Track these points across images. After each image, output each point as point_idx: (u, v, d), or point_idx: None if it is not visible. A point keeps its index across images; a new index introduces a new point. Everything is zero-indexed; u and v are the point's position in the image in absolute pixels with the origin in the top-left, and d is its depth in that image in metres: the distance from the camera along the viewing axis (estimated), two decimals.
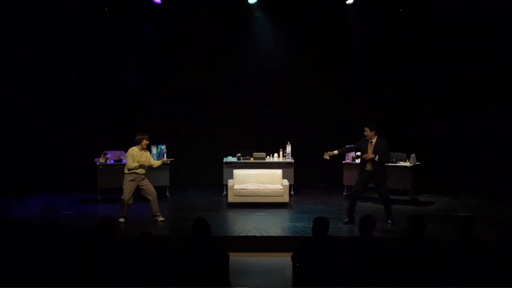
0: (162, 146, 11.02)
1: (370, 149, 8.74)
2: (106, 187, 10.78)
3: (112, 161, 10.81)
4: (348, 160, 11.18)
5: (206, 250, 5.12)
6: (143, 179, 9.03)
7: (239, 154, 11.37)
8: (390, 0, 11.99)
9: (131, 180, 8.92)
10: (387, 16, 12.03)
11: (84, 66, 12.00)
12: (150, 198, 9.06)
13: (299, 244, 5.47)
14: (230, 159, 11.37)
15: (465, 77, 11.86)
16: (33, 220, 8.82)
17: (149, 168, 10.88)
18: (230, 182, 10.49)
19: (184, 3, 11.94)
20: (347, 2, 11.89)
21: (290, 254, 5.54)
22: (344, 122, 12.22)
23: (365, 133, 8.82)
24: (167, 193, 11.07)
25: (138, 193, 11.17)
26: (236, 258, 6.50)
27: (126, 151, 11.04)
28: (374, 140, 8.77)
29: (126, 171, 8.96)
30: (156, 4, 11.76)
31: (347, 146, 9.37)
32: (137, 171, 8.93)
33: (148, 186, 9.06)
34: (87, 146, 11.66)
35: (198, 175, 12.31)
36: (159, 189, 11.08)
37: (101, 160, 10.75)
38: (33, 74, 11.79)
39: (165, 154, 11.00)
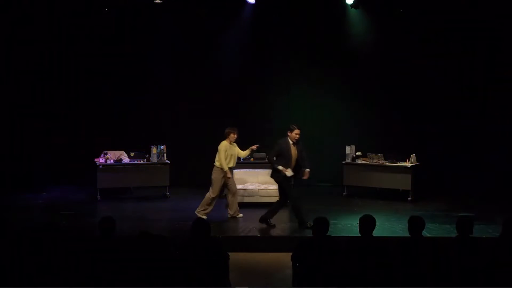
0: (162, 146, 11.02)
1: (293, 151, 8.52)
2: (106, 187, 10.78)
3: (112, 161, 10.80)
4: (348, 160, 11.18)
5: (206, 250, 5.12)
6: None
7: None
8: (390, 0, 11.99)
9: (222, 177, 9.07)
10: (387, 16, 12.02)
11: (84, 66, 11.99)
12: (230, 194, 9.17)
13: (299, 244, 5.47)
14: None
15: (465, 77, 11.86)
16: (33, 220, 8.82)
17: (149, 168, 10.96)
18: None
19: (184, 3, 11.94)
20: (347, 2, 11.90)
21: (290, 254, 5.54)
22: (343, 121, 12.24)
23: (297, 136, 8.53)
24: (167, 193, 11.07)
25: (141, 191, 11.21)
26: (236, 258, 6.51)
27: (126, 151, 11.17)
28: (295, 143, 8.57)
29: (217, 164, 9.05)
30: (157, 3, 11.77)
31: (274, 158, 8.58)
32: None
33: (231, 181, 9.18)
34: (87, 146, 11.66)
35: (198, 175, 12.28)
36: (159, 189, 11.15)
37: (101, 160, 10.75)
38: (33, 74, 11.78)
39: (165, 154, 11.00)
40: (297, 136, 8.54)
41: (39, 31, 11.59)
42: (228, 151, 9.11)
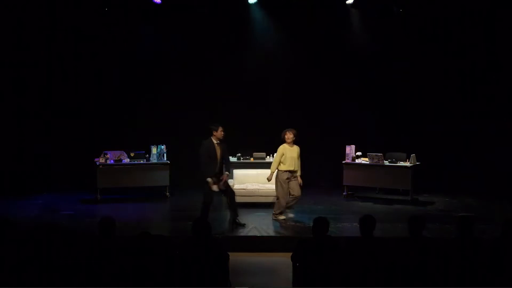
0: (162, 146, 11.02)
1: (218, 151, 8.50)
2: (106, 187, 10.78)
3: (112, 161, 10.80)
4: (348, 160, 11.17)
5: (206, 250, 5.12)
6: (295, 177, 9.08)
7: (239, 154, 11.37)
8: (390, 0, 11.99)
9: (286, 179, 9.03)
10: (387, 15, 12.02)
11: (84, 66, 12.00)
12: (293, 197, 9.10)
13: (299, 244, 5.46)
14: (230, 159, 11.34)
15: (465, 77, 11.86)
16: (33, 220, 8.81)
17: (149, 168, 10.96)
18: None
19: (184, 3, 11.94)
20: (347, 2, 11.90)
21: (290, 254, 5.54)
22: (343, 121, 12.23)
23: (223, 133, 8.53)
24: (167, 193, 11.07)
25: (139, 191, 11.22)
26: (236, 258, 6.50)
27: (126, 151, 11.17)
28: (220, 143, 8.58)
29: (279, 168, 9.04)
30: (156, 4, 11.77)
31: (205, 162, 8.39)
32: (290, 168, 9.02)
33: (292, 185, 9.10)
34: (87, 146, 11.67)
35: (198, 175, 12.28)
36: (159, 189, 11.15)
37: (101, 160, 10.75)
38: (33, 74, 11.78)
39: (165, 154, 11.00)
40: (223, 133, 8.50)
41: (38, 31, 11.60)
42: (285, 154, 9.08)
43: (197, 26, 12.09)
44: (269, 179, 9.26)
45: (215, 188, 8.43)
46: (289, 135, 9.13)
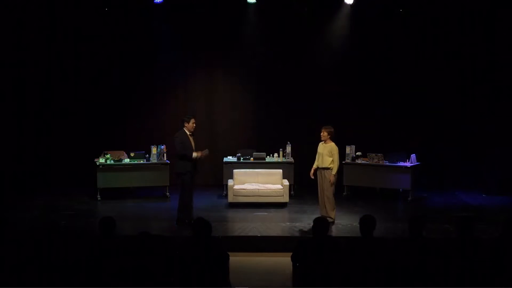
0: (162, 146, 11.02)
1: (192, 142, 8.71)
2: (106, 187, 10.77)
3: (112, 161, 10.80)
4: (348, 160, 11.17)
5: (206, 250, 5.12)
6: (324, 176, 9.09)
7: (239, 154, 11.36)
8: (390, 0, 11.99)
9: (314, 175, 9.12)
10: (387, 15, 12.02)
11: (84, 66, 12.00)
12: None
13: (299, 244, 5.46)
14: (230, 159, 11.37)
15: (466, 77, 11.86)
16: (33, 220, 8.81)
17: (149, 168, 10.96)
18: (230, 182, 10.48)
19: (184, 3, 11.94)
20: (346, 2, 11.89)
21: (290, 254, 5.54)
22: (344, 121, 12.21)
23: (194, 125, 8.72)
24: (167, 193, 11.05)
25: (139, 191, 11.22)
26: (236, 258, 6.50)
27: (126, 151, 11.17)
28: (192, 134, 8.77)
29: (334, 166, 8.92)
30: (156, 4, 11.77)
31: (183, 153, 8.60)
32: (317, 164, 9.06)
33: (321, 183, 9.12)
34: (87, 146, 11.66)
35: (198, 175, 12.27)
36: (159, 189, 11.14)
37: (101, 160, 10.75)
38: (33, 74, 11.78)
39: (165, 154, 11.00)
40: (194, 125, 8.71)
41: (38, 31, 11.59)
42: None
43: (197, 25, 12.08)
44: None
45: (205, 152, 8.74)
46: (321, 134, 9.10)
